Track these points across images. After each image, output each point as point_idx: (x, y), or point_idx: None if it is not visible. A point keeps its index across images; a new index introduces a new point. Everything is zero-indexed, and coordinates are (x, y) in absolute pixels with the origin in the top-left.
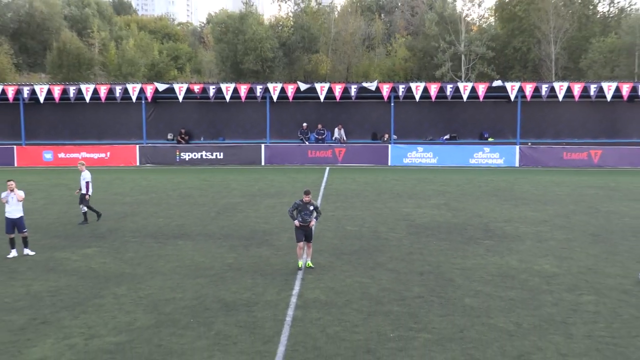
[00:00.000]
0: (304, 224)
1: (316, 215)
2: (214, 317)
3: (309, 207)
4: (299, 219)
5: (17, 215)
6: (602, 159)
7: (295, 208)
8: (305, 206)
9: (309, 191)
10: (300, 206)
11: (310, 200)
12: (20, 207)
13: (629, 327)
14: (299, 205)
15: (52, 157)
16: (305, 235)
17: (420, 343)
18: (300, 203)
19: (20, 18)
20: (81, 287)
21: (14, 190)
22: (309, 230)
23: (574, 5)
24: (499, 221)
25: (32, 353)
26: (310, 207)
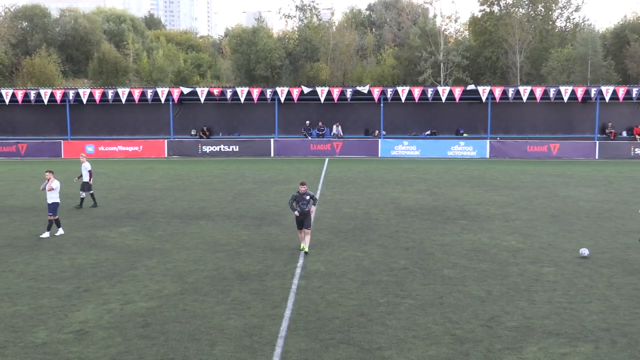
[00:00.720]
0: (302, 212)
1: (313, 202)
2: (231, 285)
3: (306, 197)
4: (297, 209)
5: (50, 201)
6: (560, 151)
7: (293, 199)
8: (302, 197)
9: (304, 182)
10: (298, 197)
11: (306, 191)
12: (53, 194)
13: (584, 294)
14: (297, 196)
15: (93, 150)
16: (303, 222)
17: (406, 308)
18: (297, 194)
19: (67, 32)
20: (118, 260)
21: (50, 179)
22: (308, 218)
23: (536, 21)
24: (472, 204)
25: (76, 316)
26: (306, 197)
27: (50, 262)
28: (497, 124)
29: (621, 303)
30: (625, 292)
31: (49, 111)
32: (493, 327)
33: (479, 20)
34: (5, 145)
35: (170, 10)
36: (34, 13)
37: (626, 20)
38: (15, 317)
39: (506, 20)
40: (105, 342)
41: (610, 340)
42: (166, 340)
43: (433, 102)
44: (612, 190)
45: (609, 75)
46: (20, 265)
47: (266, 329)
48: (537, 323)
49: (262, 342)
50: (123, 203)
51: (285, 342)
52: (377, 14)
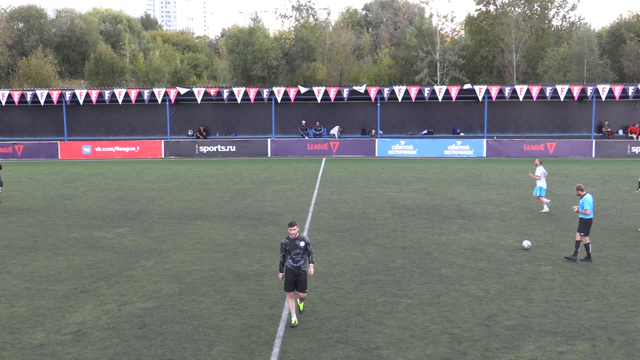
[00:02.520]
0: (295, 268)
1: (310, 256)
2: (228, 285)
3: (299, 243)
4: (289, 263)
5: None
6: (556, 150)
7: (283, 251)
8: (294, 243)
9: (294, 222)
10: (288, 245)
11: (298, 234)
12: None
13: (580, 292)
14: (287, 244)
15: (90, 150)
16: (297, 282)
17: (404, 307)
18: (287, 242)
19: (63, 33)
20: (115, 261)
21: None
22: (303, 276)
23: (532, 20)
24: (469, 203)
25: (73, 317)
26: (300, 244)
27: (48, 263)
28: (494, 123)
29: (618, 301)
30: (622, 291)
31: (46, 112)
32: (490, 326)
33: (475, 19)
34: (1, 146)
35: (167, 11)
36: (30, 14)
37: (622, 19)
38: (12, 319)
39: (502, 19)
40: (102, 343)
41: (608, 338)
42: (164, 341)
43: (430, 102)
44: (608, 188)
45: (605, 73)
46: (18, 267)
47: (264, 329)
48: (534, 322)
49: (260, 342)
50: (120, 204)
51: (283, 342)
52: (373, 14)
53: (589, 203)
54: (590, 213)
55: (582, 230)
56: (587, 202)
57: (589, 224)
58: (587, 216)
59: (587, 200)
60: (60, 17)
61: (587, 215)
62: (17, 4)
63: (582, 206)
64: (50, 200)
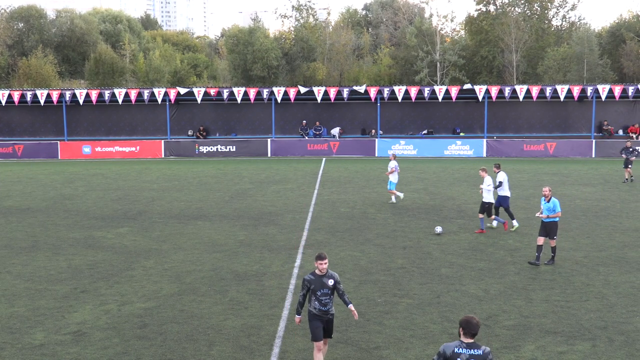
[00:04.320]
0: (323, 312)
1: (345, 296)
2: (228, 285)
3: (327, 281)
4: (314, 306)
5: None
6: (556, 150)
7: (306, 289)
8: (321, 281)
9: (324, 255)
10: (314, 283)
11: (328, 270)
12: None
13: (580, 292)
14: (311, 281)
15: (90, 150)
16: (326, 328)
17: (404, 307)
18: (311, 278)
19: (63, 33)
20: (115, 261)
21: None
22: (332, 321)
23: (532, 20)
24: (469, 203)
25: (73, 317)
26: (329, 282)
27: (48, 263)
28: (494, 123)
29: (618, 301)
30: (622, 291)
31: (46, 112)
32: (491, 326)
33: (475, 19)
34: (1, 146)
35: (167, 11)
36: (30, 14)
37: (622, 19)
38: (12, 319)
39: (502, 19)
40: (102, 343)
41: (608, 338)
42: (164, 341)
43: (430, 102)
44: (608, 188)
45: (605, 73)
46: (18, 267)
47: (264, 329)
48: (534, 322)
49: (260, 342)
50: (120, 204)
51: (283, 342)
52: (373, 14)
53: (559, 206)
54: None
55: (553, 233)
56: (557, 204)
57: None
58: (556, 219)
59: (557, 203)
60: (60, 17)
61: (556, 219)
62: (17, 4)
63: (554, 209)
64: (50, 200)
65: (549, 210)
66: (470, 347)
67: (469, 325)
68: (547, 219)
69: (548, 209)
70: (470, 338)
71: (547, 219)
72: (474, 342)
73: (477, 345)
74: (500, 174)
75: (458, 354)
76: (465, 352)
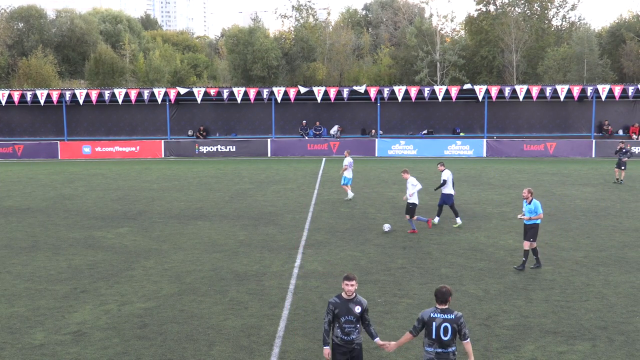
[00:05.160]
0: (347, 342)
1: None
2: (228, 285)
3: (354, 307)
4: (336, 334)
5: None
6: (556, 150)
7: (331, 314)
8: (347, 306)
9: (351, 276)
10: (339, 307)
11: (356, 294)
12: None
13: (580, 292)
14: (336, 305)
15: (90, 150)
16: None
17: (404, 307)
18: (336, 301)
19: (63, 33)
20: (115, 261)
21: None
22: (358, 351)
23: (532, 20)
24: (469, 203)
25: (73, 317)
26: (355, 309)
27: (48, 263)
28: (494, 123)
29: (618, 301)
30: (622, 291)
31: (46, 112)
32: (490, 325)
33: (475, 19)
34: (1, 146)
35: (167, 11)
36: (30, 14)
37: (622, 19)
38: (12, 319)
39: (502, 19)
40: (102, 343)
41: (608, 338)
42: (164, 341)
43: (430, 102)
44: (608, 188)
45: (605, 73)
46: (18, 267)
47: (264, 329)
48: (534, 322)
49: (260, 342)
50: (120, 204)
51: (283, 342)
52: (373, 14)
53: (540, 208)
54: None
55: (532, 236)
56: (539, 206)
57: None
58: (537, 221)
59: (538, 205)
60: (60, 17)
61: (536, 221)
62: (17, 4)
63: (536, 211)
64: (50, 200)
65: (530, 212)
66: (444, 312)
67: (440, 294)
68: (529, 221)
69: (530, 210)
70: (443, 304)
71: (528, 220)
72: (447, 308)
73: (450, 310)
74: (445, 172)
75: (433, 318)
76: (439, 317)
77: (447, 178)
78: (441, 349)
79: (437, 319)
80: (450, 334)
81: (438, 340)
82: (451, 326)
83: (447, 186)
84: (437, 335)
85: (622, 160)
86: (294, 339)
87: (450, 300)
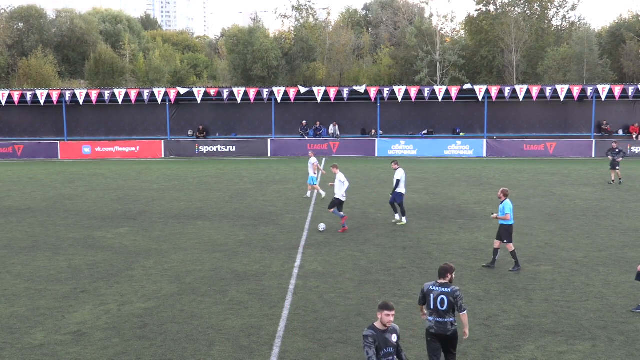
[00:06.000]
0: None
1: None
2: (228, 286)
3: (391, 337)
4: None
5: None
6: (556, 150)
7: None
8: (384, 337)
9: (391, 305)
10: (377, 339)
11: (392, 325)
12: None
13: (580, 292)
14: (375, 337)
15: (90, 150)
16: None
17: (404, 307)
18: (373, 334)
19: (63, 33)
20: (115, 261)
21: None
22: None
23: (532, 20)
24: (469, 203)
25: (73, 317)
26: (392, 338)
27: (48, 263)
28: (494, 123)
29: (618, 301)
30: (622, 291)
31: (46, 112)
32: (490, 326)
33: (475, 19)
34: (1, 146)
35: (167, 11)
36: (30, 14)
37: (622, 19)
38: (12, 319)
39: (502, 19)
40: (102, 343)
41: (608, 338)
42: (164, 341)
43: (430, 102)
44: (608, 188)
45: (605, 73)
46: (18, 267)
47: (264, 329)
48: (534, 322)
49: (259, 342)
50: (120, 204)
51: (283, 342)
52: (373, 14)
53: (510, 208)
54: (510, 218)
55: (504, 237)
56: (508, 206)
57: (510, 230)
58: (507, 222)
59: (508, 205)
60: (60, 17)
61: (507, 221)
62: (17, 4)
63: (502, 211)
64: (50, 200)
65: (500, 212)
66: (442, 286)
67: (441, 270)
68: (500, 222)
69: (500, 210)
70: (442, 279)
71: (496, 219)
72: (446, 282)
73: (448, 285)
74: (399, 171)
75: (432, 290)
76: (437, 289)
77: (400, 177)
78: (440, 319)
79: (434, 291)
80: (446, 305)
81: (436, 310)
82: (447, 298)
83: (400, 185)
84: (435, 306)
85: (617, 161)
86: (294, 339)
87: (449, 276)
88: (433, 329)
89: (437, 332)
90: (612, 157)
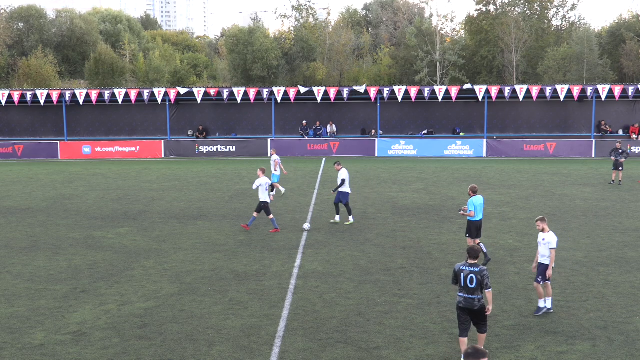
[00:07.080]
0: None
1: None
2: (228, 286)
3: None
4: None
5: None
6: (556, 150)
7: None
8: None
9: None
10: None
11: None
12: None
13: (580, 292)
14: None
15: (90, 150)
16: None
17: (404, 307)
18: None
19: (63, 33)
20: (115, 261)
21: None
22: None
23: (532, 20)
24: None
25: (73, 317)
26: None
27: (48, 263)
28: (494, 123)
29: (618, 301)
30: (622, 291)
31: (46, 112)
32: (491, 326)
33: (475, 19)
34: (1, 146)
35: (167, 11)
36: (30, 14)
37: (622, 19)
38: (12, 319)
39: (502, 19)
40: (102, 343)
41: (608, 338)
42: (164, 341)
43: (430, 102)
44: (608, 188)
45: (605, 73)
46: (18, 267)
47: (264, 329)
48: (534, 322)
49: (259, 342)
50: (120, 204)
51: (283, 342)
52: (373, 14)
53: (473, 204)
54: (475, 215)
55: (466, 231)
56: (472, 203)
57: (475, 226)
58: (472, 218)
59: (472, 202)
60: (60, 17)
61: (471, 218)
62: (17, 4)
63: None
64: (50, 200)
65: None
66: (472, 266)
67: (471, 251)
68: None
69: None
70: (472, 259)
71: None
72: (475, 262)
73: (477, 265)
74: (342, 171)
75: (462, 269)
76: (467, 269)
77: (345, 177)
78: (468, 295)
79: (464, 270)
80: (475, 283)
81: (465, 288)
82: (476, 277)
83: (345, 185)
84: (465, 284)
85: (620, 162)
86: (294, 339)
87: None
88: (462, 304)
89: (465, 307)
90: (615, 157)
